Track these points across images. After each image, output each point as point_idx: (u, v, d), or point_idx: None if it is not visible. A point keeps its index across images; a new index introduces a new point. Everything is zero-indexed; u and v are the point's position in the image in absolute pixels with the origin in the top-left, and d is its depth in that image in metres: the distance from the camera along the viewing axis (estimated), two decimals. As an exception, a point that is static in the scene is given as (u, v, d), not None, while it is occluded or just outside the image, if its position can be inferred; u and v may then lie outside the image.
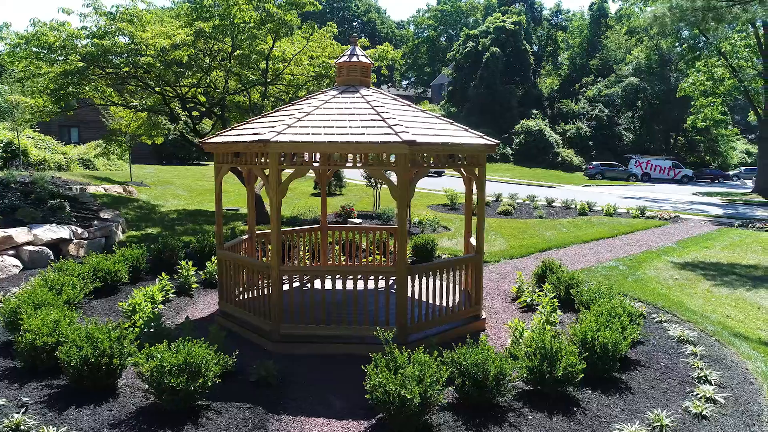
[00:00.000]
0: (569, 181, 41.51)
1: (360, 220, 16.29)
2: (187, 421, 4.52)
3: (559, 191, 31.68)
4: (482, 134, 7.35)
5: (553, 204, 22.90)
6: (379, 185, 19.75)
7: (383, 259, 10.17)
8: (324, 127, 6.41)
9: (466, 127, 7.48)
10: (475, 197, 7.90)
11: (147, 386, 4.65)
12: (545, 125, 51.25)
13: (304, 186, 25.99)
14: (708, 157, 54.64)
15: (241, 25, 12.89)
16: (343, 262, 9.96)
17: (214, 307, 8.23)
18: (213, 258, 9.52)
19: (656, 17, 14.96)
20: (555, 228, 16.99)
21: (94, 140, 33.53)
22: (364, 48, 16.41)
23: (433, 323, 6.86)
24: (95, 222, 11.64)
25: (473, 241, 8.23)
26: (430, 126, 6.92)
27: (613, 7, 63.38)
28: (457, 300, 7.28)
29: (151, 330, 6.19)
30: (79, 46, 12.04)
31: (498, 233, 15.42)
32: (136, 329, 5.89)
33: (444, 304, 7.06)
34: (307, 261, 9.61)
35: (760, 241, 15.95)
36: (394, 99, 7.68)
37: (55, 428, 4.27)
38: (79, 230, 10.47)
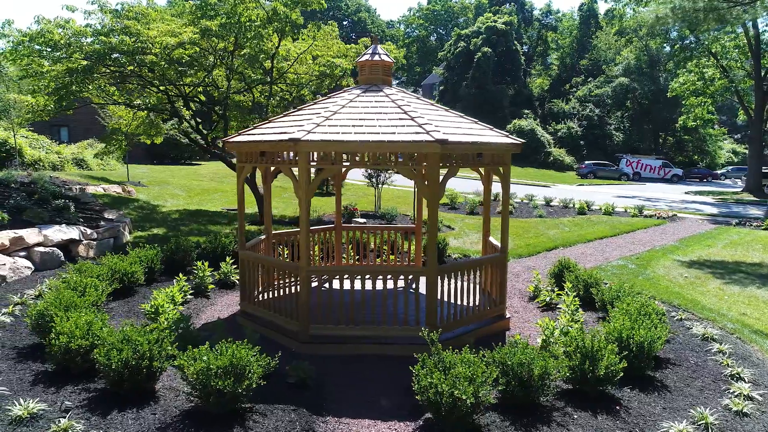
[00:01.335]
0: (562, 180, 41.76)
1: (364, 220, 16.24)
2: (234, 424, 4.45)
3: (554, 190, 31.85)
4: (507, 133, 7.35)
5: (552, 203, 23.01)
6: (380, 185, 19.71)
7: (396, 258, 10.14)
8: (353, 126, 6.36)
9: (491, 126, 7.47)
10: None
11: (190, 389, 4.57)
12: (537, 125, 51.53)
13: (301, 186, 25.85)
14: (696, 157, 55.29)
15: (247, 23, 12.77)
16: (357, 262, 9.92)
17: (232, 308, 8.15)
18: (228, 258, 9.43)
19: (658, 18, 15.08)
20: (557, 227, 17.07)
21: (85, 139, 33.12)
22: (366, 47, 16.35)
23: (461, 323, 6.84)
24: (102, 222, 11.46)
25: (493, 240, 8.23)
26: (457, 125, 6.90)
27: (602, 8, 63.97)
28: (483, 299, 7.27)
29: (179, 332, 6.10)
30: (85, 43, 11.84)
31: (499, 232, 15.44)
32: (166, 331, 5.79)
33: (470, 303, 7.04)
34: (320, 261, 9.54)
35: (760, 239, 16.15)
36: (417, 98, 7.65)
37: (102, 432, 4.19)
38: (88, 231, 10.31)
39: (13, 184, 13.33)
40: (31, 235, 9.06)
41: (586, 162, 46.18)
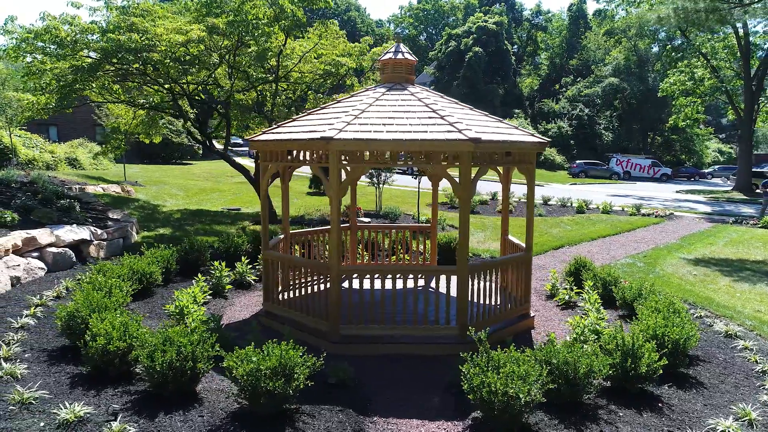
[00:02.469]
0: (554, 179, 42.03)
1: (368, 219, 16.20)
2: (284, 425, 4.40)
3: (548, 190, 32.03)
4: (532, 132, 7.36)
5: (549, 202, 23.14)
6: (381, 185, 19.67)
7: (409, 258, 10.13)
8: (384, 124, 6.32)
9: (516, 125, 7.48)
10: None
11: (238, 390, 4.51)
12: (527, 124, 51.83)
13: (298, 185, 25.76)
14: (683, 156, 56.00)
15: (254, 21, 12.66)
16: (373, 262, 9.89)
17: (252, 308, 8.08)
18: (243, 258, 9.35)
19: (660, 18, 15.25)
20: (559, 226, 17.17)
21: (74, 138, 32.67)
22: (369, 46, 16.31)
23: (489, 322, 6.82)
24: (109, 222, 11.30)
25: (513, 239, 8.25)
26: (485, 124, 6.90)
27: (591, 8, 64.51)
28: (510, 298, 7.27)
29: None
30: (91, 41, 11.65)
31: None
32: (207, 332, 5.71)
33: (497, 302, 7.04)
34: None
35: (758, 237, 16.38)
36: (442, 96, 7.64)
37: (155, 436, 4.11)
38: (98, 231, 10.15)
39: (13, 183, 13.09)
40: (43, 235, 8.89)
41: (578, 161, 46.53)
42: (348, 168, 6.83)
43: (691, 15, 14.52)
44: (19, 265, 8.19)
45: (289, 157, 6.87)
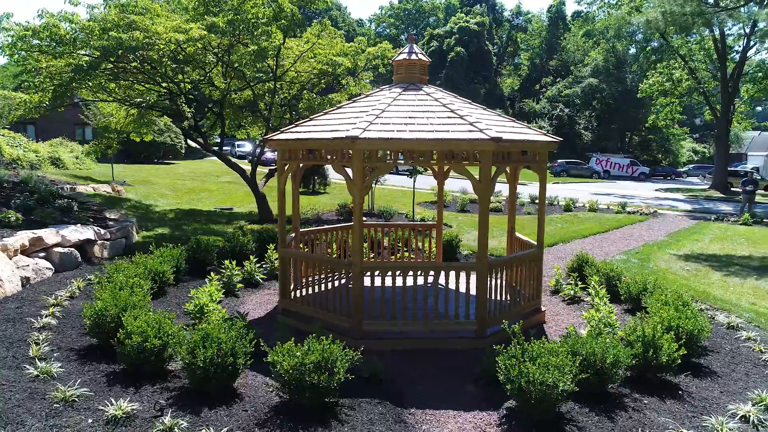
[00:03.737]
0: (536, 178, 42.55)
1: (364, 218, 16.29)
2: (329, 417, 4.50)
3: (533, 188, 32.44)
4: (545, 132, 7.57)
5: (536, 201, 23.50)
6: (374, 184, 19.77)
7: (411, 256, 10.28)
8: (405, 124, 6.45)
9: (528, 124, 7.67)
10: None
11: (280, 384, 4.60)
12: (509, 124, 52.43)
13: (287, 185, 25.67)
14: (660, 155, 57.26)
15: (253, 20, 12.67)
16: (378, 259, 10.01)
17: (265, 306, 8.14)
18: (251, 257, 9.39)
19: (649, 21, 15.68)
20: (549, 224, 17.48)
21: (53, 138, 32.07)
22: (366, 46, 16.40)
23: (505, 316, 6.97)
24: (110, 222, 11.21)
25: (521, 236, 8.46)
26: (502, 123, 7.08)
27: (570, 10, 65.48)
28: (522, 293, 7.46)
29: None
30: (92, 38, 11.51)
31: (500, 229, 15.72)
32: (245, 329, 5.76)
33: (512, 297, 7.23)
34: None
35: (740, 233, 16.93)
36: (456, 96, 7.80)
37: (214, 429, 4.18)
38: (102, 231, 10.08)
39: (5, 183, 12.88)
40: (49, 235, 8.81)
41: (559, 160, 47.22)
42: (371, 167, 6.92)
43: (678, 18, 14.96)
44: (28, 265, 8.11)
45: (309, 156, 6.95)
